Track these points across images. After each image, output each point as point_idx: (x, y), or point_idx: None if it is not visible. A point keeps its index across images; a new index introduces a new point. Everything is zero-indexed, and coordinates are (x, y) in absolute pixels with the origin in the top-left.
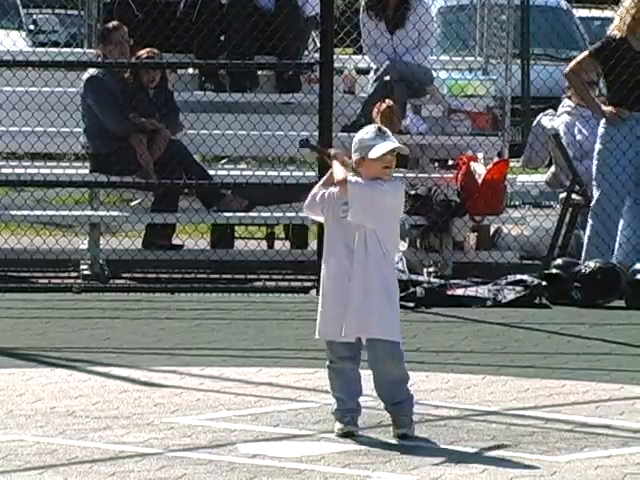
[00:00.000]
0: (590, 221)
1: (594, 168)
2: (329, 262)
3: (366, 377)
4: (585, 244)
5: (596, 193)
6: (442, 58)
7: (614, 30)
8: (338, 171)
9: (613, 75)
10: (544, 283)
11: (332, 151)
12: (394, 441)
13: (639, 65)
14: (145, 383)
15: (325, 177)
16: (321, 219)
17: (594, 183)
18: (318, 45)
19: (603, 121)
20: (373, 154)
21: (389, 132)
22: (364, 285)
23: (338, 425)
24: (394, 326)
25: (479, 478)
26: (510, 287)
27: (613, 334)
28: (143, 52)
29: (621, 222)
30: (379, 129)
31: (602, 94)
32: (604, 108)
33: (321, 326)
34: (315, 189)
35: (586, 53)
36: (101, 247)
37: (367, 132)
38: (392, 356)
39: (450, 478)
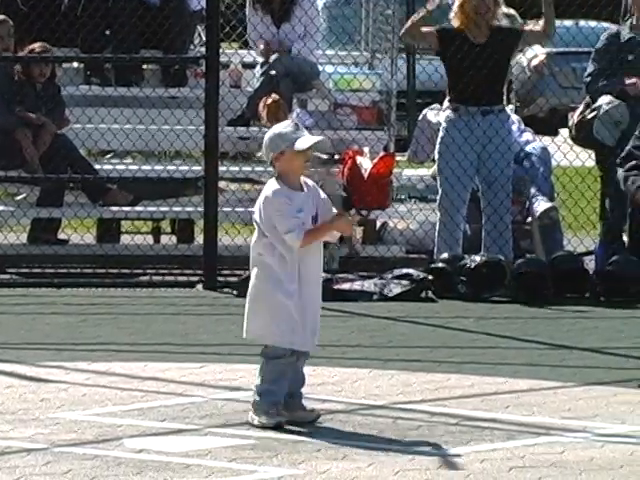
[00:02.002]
0: (438, 215)
1: (436, 165)
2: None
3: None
4: (435, 239)
5: (439, 189)
6: (328, 52)
7: (453, 20)
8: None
9: (451, 66)
10: (430, 277)
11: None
12: (280, 435)
13: (476, 58)
14: (31, 378)
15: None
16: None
17: (437, 178)
18: (204, 39)
19: (444, 117)
20: (301, 145)
21: (301, 127)
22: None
23: (265, 417)
24: None
25: (365, 472)
26: (396, 281)
27: (498, 327)
28: (36, 45)
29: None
30: (296, 124)
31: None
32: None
33: (290, 336)
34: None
35: (433, 28)
36: None
37: (285, 126)
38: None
39: (337, 472)
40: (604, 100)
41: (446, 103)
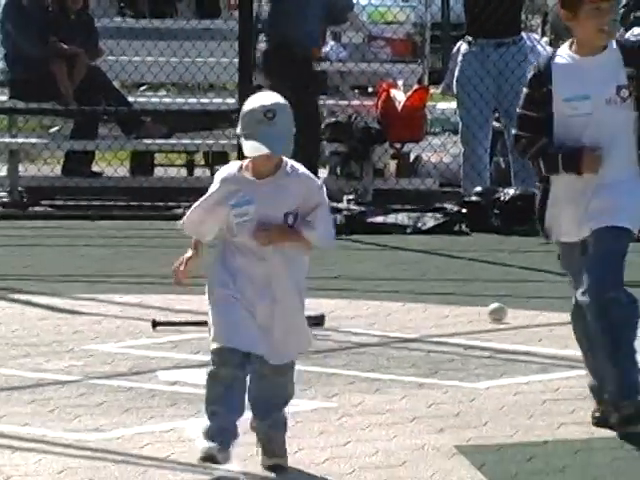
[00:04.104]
0: (462, 149)
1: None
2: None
3: None
4: (462, 172)
5: (459, 122)
6: None
7: None
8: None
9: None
10: (464, 210)
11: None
12: (314, 368)
13: None
14: (65, 310)
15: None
16: None
17: (458, 112)
18: None
19: (463, 49)
20: (248, 152)
21: (278, 113)
22: None
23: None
24: None
25: (398, 405)
26: (430, 214)
27: (532, 261)
28: None
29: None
30: (266, 111)
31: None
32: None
33: None
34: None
35: None
36: (20, 174)
37: (253, 110)
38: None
39: (370, 405)
40: (634, 32)
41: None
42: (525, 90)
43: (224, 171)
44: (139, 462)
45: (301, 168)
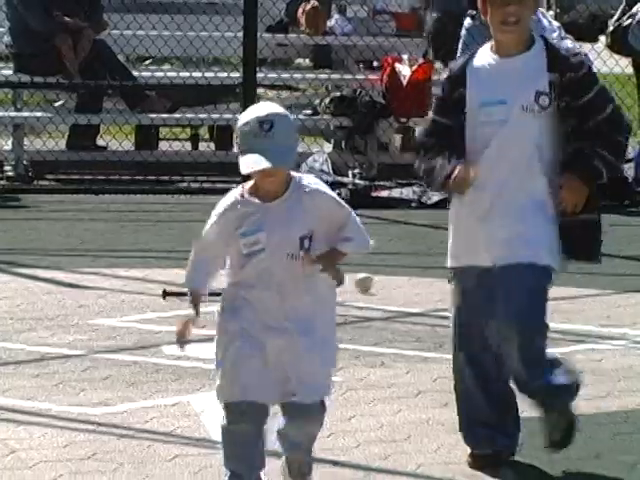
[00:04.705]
0: None
1: None
2: None
3: None
4: None
5: None
6: None
7: None
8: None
9: None
10: None
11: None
12: None
13: None
14: (69, 285)
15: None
16: None
17: None
18: None
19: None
20: (243, 168)
21: (276, 123)
22: None
23: None
24: None
25: (403, 379)
26: None
27: None
28: None
29: None
30: (261, 123)
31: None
32: None
33: None
34: None
35: None
36: (25, 148)
37: (247, 123)
38: None
39: (375, 379)
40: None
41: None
42: (438, 93)
43: (223, 203)
44: (144, 436)
45: (313, 182)
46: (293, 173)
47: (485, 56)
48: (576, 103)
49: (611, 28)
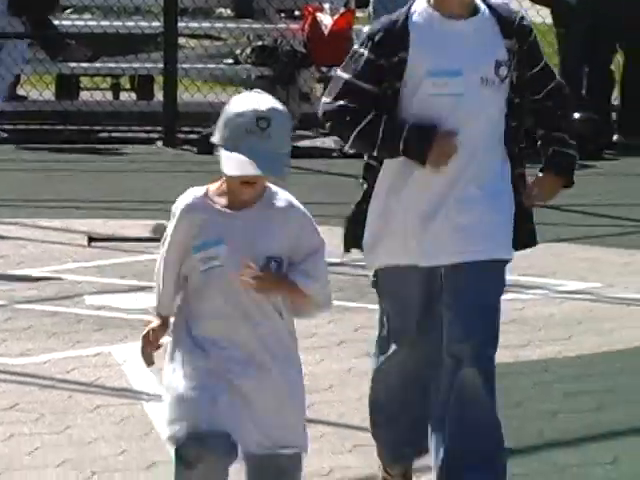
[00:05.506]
0: None
1: None
2: None
3: None
4: None
5: None
6: None
7: None
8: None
9: None
10: None
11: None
12: None
13: None
14: None
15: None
16: None
17: None
18: None
19: None
20: (228, 169)
21: (274, 122)
22: None
23: None
24: None
25: (325, 329)
26: None
27: None
28: None
29: None
30: (259, 119)
31: None
32: None
33: None
34: None
35: None
36: None
37: (242, 114)
38: None
39: (297, 328)
40: None
41: None
42: (362, 52)
43: (182, 201)
44: (65, 387)
45: (290, 198)
46: (267, 183)
47: (424, 13)
48: (530, 71)
49: None
